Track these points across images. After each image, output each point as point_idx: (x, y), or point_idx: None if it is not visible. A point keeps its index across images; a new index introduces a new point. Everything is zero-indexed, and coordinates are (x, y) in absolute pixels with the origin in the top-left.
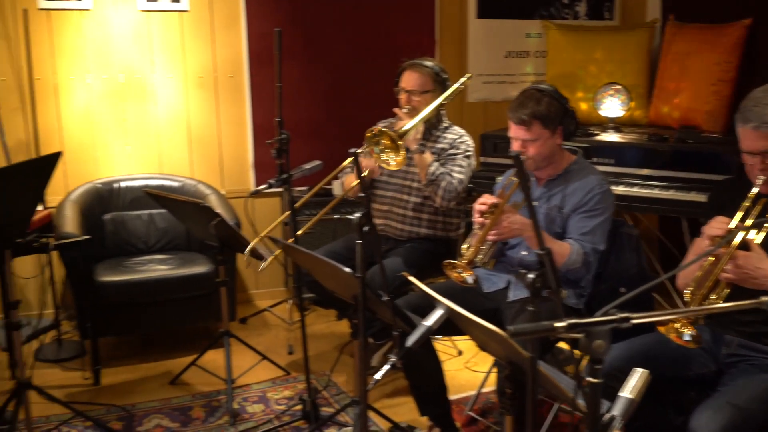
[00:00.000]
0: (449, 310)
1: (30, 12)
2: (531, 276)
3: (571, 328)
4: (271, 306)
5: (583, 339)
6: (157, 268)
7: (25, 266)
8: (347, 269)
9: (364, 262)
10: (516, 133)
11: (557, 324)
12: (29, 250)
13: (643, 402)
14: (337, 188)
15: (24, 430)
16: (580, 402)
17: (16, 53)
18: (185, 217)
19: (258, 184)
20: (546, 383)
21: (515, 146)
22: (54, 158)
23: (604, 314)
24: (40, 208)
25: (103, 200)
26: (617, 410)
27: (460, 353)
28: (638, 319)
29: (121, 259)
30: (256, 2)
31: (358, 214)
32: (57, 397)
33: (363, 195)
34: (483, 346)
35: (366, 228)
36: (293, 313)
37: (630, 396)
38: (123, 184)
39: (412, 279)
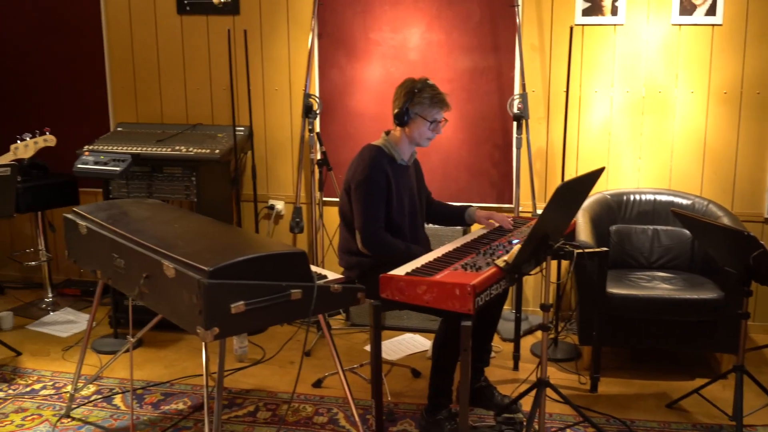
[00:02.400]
0: None
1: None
2: None
3: None
4: None
5: None
6: (662, 286)
7: None
8: None
9: None
10: None
11: None
12: (556, 255)
13: None
14: None
15: (536, 423)
16: None
17: (546, 66)
18: (712, 241)
19: None
20: None
21: None
22: (599, 173)
23: None
24: None
25: (611, 211)
26: None
27: None
28: None
29: (623, 271)
30: None
31: None
32: (567, 398)
33: None
34: None
35: None
36: None
37: None
38: (632, 197)
39: None
